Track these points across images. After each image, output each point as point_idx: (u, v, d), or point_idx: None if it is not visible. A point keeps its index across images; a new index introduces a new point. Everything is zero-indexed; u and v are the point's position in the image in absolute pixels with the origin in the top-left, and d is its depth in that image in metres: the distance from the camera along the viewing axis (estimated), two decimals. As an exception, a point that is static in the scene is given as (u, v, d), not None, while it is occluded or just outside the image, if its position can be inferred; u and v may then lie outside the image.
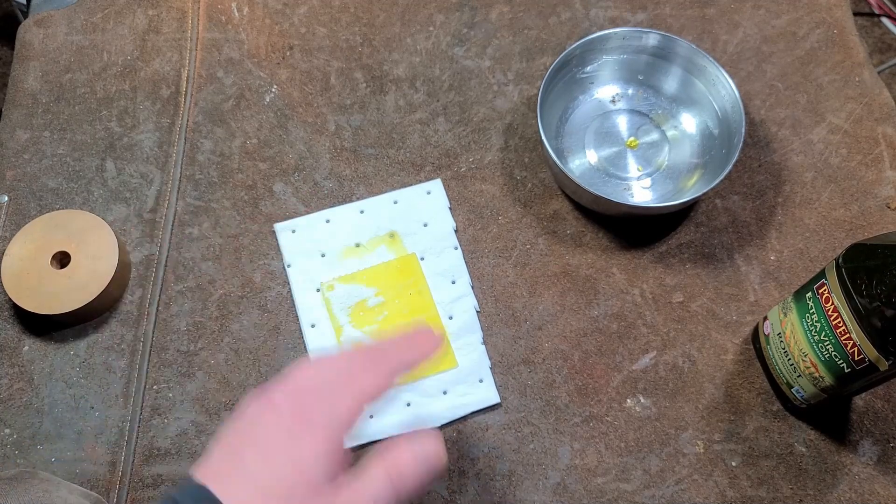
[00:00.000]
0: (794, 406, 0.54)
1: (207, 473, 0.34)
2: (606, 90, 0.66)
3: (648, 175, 0.63)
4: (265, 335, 0.58)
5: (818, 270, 0.49)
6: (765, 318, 0.55)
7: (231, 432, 0.36)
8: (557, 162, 0.57)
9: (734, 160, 0.56)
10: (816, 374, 0.49)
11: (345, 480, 0.35)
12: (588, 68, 0.65)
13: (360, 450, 0.54)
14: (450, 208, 0.62)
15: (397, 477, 0.36)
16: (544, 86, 0.59)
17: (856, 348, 0.45)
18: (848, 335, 0.45)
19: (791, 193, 0.62)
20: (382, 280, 0.59)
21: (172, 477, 0.53)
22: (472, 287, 0.59)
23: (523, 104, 0.66)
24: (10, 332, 0.58)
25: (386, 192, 0.63)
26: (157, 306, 0.59)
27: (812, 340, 0.48)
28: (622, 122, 0.65)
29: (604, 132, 0.64)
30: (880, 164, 0.62)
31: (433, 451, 0.37)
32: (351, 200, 0.62)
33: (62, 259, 0.58)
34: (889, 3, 1.48)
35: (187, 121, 0.66)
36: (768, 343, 0.54)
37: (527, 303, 0.58)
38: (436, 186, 0.63)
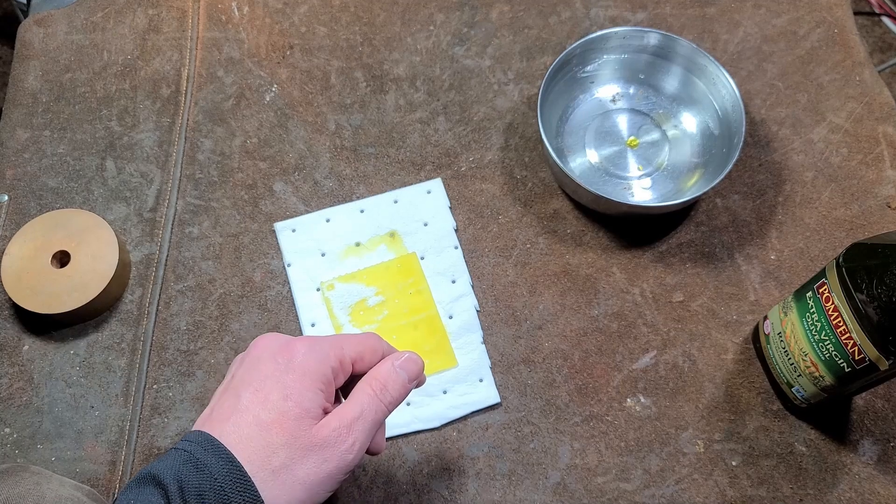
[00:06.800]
0: (794, 405, 0.54)
1: (207, 422, 0.37)
2: (607, 89, 0.66)
3: (649, 174, 0.63)
4: (265, 334, 0.58)
5: (818, 270, 0.49)
6: (765, 318, 0.54)
7: (236, 376, 0.38)
8: (558, 161, 0.57)
9: (734, 159, 0.56)
10: (817, 374, 0.49)
11: (334, 407, 0.39)
12: (588, 67, 0.65)
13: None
14: (450, 207, 0.62)
15: (380, 390, 0.39)
16: (544, 85, 0.59)
17: (856, 348, 0.45)
18: (848, 334, 0.45)
19: (791, 193, 0.62)
20: (382, 279, 0.59)
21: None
22: (472, 286, 0.59)
23: (523, 103, 0.66)
24: (10, 332, 0.58)
25: (386, 191, 0.63)
26: (157, 305, 0.59)
27: (812, 340, 0.48)
28: (622, 122, 0.65)
29: (604, 131, 0.64)
30: (881, 164, 0.62)
31: (411, 359, 0.41)
32: (351, 199, 0.62)
33: (62, 258, 0.58)
34: (889, 3, 1.48)
35: (187, 120, 0.66)
36: (768, 342, 0.54)
37: (527, 302, 0.58)
38: (436, 186, 0.63)
